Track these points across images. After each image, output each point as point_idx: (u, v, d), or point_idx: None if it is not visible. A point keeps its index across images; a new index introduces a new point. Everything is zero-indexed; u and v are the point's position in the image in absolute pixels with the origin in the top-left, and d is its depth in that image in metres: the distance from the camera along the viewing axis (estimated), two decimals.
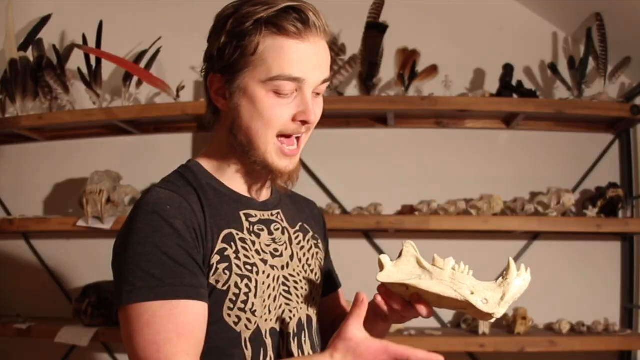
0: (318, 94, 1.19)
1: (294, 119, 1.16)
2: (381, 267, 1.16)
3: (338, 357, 1.05)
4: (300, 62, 1.13)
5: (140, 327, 1.05)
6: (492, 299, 1.10)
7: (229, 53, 1.14)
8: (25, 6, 2.97)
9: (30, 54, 2.86)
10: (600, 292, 2.73)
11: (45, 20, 2.88)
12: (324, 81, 1.18)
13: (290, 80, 1.13)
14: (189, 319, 1.07)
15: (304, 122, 1.17)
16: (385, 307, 1.17)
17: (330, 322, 1.47)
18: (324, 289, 1.44)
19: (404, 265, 1.15)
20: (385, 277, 1.14)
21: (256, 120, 1.15)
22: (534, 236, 2.75)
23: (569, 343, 2.42)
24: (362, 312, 1.06)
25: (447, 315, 2.74)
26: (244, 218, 1.22)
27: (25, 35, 2.88)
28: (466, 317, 2.65)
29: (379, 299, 1.18)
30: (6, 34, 2.86)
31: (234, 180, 1.26)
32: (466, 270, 1.13)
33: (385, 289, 1.18)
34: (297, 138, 1.20)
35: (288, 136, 1.18)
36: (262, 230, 1.25)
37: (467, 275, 1.12)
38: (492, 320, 1.15)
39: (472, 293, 1.10)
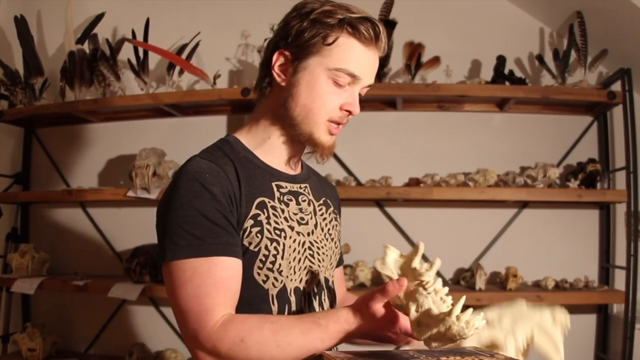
0: (360, 94, 1.23)
1: (341, 108, 1.19)
2: (384, 256, 1.09)
3: (360, 317, 1.06)
4: (361, 63, 1.17)
5: (183, 282, 1.06)
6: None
7: (308, 37, 1.16)
8: (82, 5, 3.00)
9: (86, 46, 2.89)
10: (581, 253, 2.74)
11: (99, 17, 2.91)
12: (368, 86, 1.22)
13: (349, 75, 1.16)
14: (227, 274, 1.08)
15: (349, 112, 1.20)
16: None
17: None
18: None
19: (405, 264, 1.06)
20: (379, 265, 1.08)
21: (312, 99, 1.17)
22: (524, 205, 2.77)
23: (554, 297, 2.44)
24: (394, 290, 1.03)
25: (448, 272, 2.76)
26: (275, 188, 1.23)
27: (82, 31, 2.90)
28: (464, 274, 2.65)
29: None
30: (65, 30, 2.89)
31: (269, 154, 1.26)
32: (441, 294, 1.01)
33: None
34: (338, 125, 1.23)
35: (335, 122, 1.21)
36: (291, 200, 1.25)
37: (441, 303, 1.00)
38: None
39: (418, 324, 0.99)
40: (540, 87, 2.65)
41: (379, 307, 1.05)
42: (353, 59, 1.16)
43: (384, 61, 2.62)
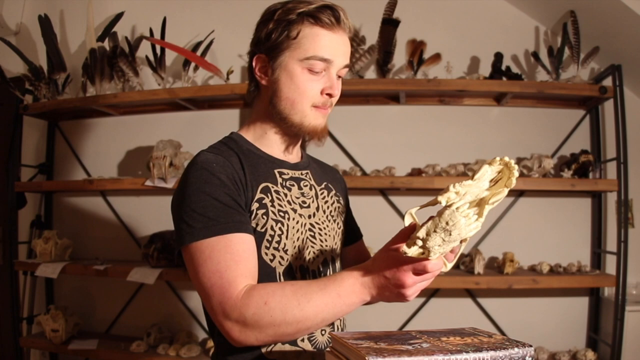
0: (339, 76, 1.26)
1: (321, 92, 1.22)
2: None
3: (372, 265, 1.08)
4: (330, 47, 1.20)
5: (204, 260, 1.09)
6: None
7: (275, 37, 1.20)
8: (102, 4, 3.05)
9: (106, 44, 2.93)
10: (574, 239, 2.76)
11: (119, 16, 2.96)
12: (345, 66, 1.25)
13: (321, 61, 1.20)
14: (243, 248, 1.12)
15: (330, 95, 1.23)
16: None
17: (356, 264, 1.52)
18: (350, 239, 1.49)
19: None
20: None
21: (293, 91, 1.21)
22: (520, 194, 2.78)
23: (549, 281, 2.47)
24: (404, 232, 1.07)
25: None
26: (277, 175, 1.27)
27: (102, 29, 2.95)
28: (464, 259, 2.67)
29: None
30: (87, 28, 2.92)
31: (269, 145, 1.30)
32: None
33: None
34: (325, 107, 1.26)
35: (320, 107, 1.24)
36: (293, 185, 1.29)
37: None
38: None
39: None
40: (536, 82, 2.67)
41: (391, 252, 1.06)
42: (320, 45, 1.19)
43: (387, 58, 2.64)
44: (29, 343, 2.95)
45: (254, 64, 1.26)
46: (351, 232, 1.50)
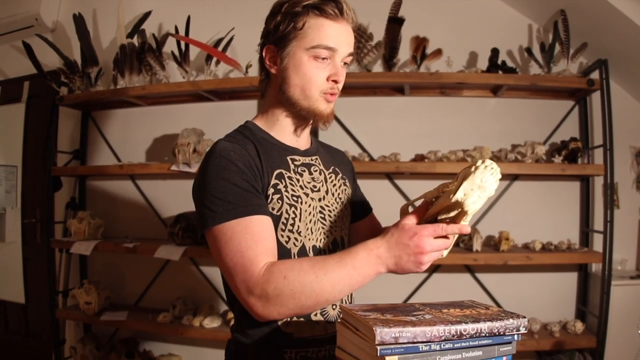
0: (346, 63, 1.26)
1: (327, 79, 1.23)
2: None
3: (387, 237, 1.09)
4: (334, 37, 1.21)
5: (225, 242, 1.10)
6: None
7: (283, 28, 1.21)
8: (131, 4, 3.10)
9: (135, 40, 2.99)
10: (564, 219, 2.80)
11: (147, 15, 3.03)
12: (349, 54, 1.25)
13: (326, 49, 1.20)
14: (262, 229, 1.12)
15: (335, 81, 1.24)
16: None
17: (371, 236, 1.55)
18: (362, 213, 1.50)
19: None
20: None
21: (301, 78, 1.22)
22: (515, 177, 2.83)
23: (541, 258, 2.51)
24: (421, 212, 1.10)
25: None
26: (290, 162, 1.28)
27: (132, 26, 3.02)
28: (463, 237, 2.69)
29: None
30: (117, 25, 3.01)
31: (281, 131, 1.31)
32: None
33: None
34: (332, 94, 1.26)
35: (328, 93, 1.25)
36: (304, 171, 1.30)
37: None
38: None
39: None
40: (529, 75, 2.70)
41: (407, 221, 1.08)
42: (325, 34, 1.20)
43: (393, 53, 2.69)
44: (64, 314, 3.03)
45: (264, 54, 1.28)
46: (361, 207, 1.51)
